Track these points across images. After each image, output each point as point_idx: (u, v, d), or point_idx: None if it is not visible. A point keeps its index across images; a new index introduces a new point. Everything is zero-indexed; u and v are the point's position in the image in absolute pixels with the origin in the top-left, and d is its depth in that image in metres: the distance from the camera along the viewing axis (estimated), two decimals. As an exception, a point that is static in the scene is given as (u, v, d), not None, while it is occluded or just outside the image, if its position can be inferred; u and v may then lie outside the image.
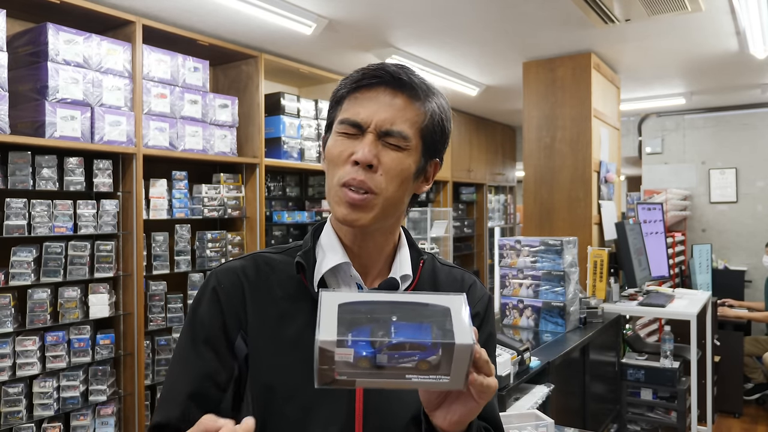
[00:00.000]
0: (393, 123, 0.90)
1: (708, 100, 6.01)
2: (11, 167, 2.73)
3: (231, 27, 3.49)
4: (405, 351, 0.65)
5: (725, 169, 6.37)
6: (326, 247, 0.97)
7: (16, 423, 2.72)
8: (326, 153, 0.95)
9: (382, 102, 0.90)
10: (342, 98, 0.94)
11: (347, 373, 0.66)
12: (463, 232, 6.64)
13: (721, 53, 4.22)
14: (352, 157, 0.89)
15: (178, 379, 0.92)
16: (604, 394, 3.46)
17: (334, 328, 0.65)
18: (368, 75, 0.91)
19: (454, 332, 0.66)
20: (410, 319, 0.67)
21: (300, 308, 0.93)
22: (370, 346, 0.65)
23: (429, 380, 0.66)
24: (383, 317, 0.67)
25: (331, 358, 0.65)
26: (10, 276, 2.74)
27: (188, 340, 0.94)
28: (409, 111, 0.91)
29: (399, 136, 0.90)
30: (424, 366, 0.66)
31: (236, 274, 0.96)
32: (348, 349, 0.64)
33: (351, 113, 0.91)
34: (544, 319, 3.17)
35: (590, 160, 4.10)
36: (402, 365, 0.65)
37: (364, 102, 0.91)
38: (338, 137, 0.92)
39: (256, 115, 3.84)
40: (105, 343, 3.04)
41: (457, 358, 0.66)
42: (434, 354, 0.65)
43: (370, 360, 0.65)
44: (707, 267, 5.93)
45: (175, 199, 3.44)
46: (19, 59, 2.87)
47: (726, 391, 4.76)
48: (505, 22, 3.55)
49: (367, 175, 0.89)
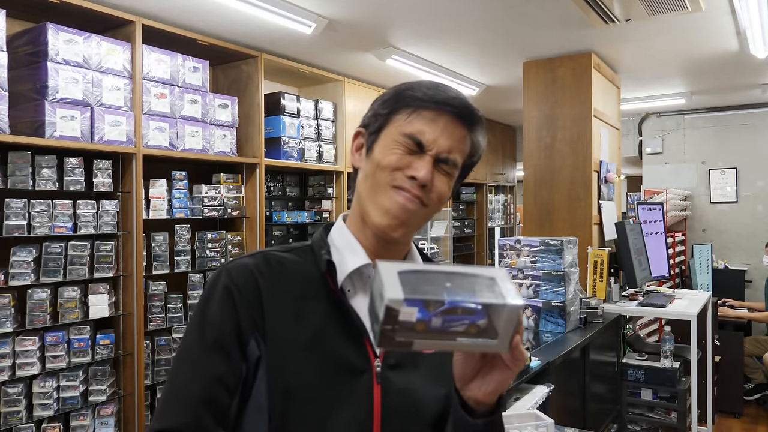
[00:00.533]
0: (451, 152, 0.92)
1: (708, 100, 6.01)
2: (11, 167, 2.73)
3: (231, 27, 3.49)
4: (457, 315, 0.69)
5: (725, 169, 6.37)
6: (343, 249, 0.95)
7: (16, 423, 2.72)
8: (378, 157, 0.93)
9: (448, 130, 0.92)
10: (407, 107, 0.93)
11: (406, 333, 0.69)
12: (464, 232, 6.64)
13: (722, 53, 4.22)
14: (409, 171, 0.90)
15: (189, 382, 0.87)
16: (605, 394, 3.45)
17: (400, 288, 0.68)
18: (443, 100, 0.92)
19: (504, 295, 0.70)
20: (462, 287, 0.71)
21: (317, 308, 0.91)
22: (426, 310, 0.68)
23: (477, 342, 0.71)
24: (439, 284, 0.71)
25: (396, 318, 0.67)
26: (9, 276, 2.74)
27: (198, 341, 0.89)
28: (466, 144, 0.95)
29: (453, 165, 0.93)
30: (473, 330, 0.70)
31: (251, 272, 0.92)
32: (412, 308, 0.68)
33: (416, 130, 0.91)
34: (545, 319, 3.17)
35: (590, 160, 4.10)
36: (454, 329, 0.69)
37: (430, 123, 0.92)
38: (395, 148, 0.92)
39: (255, 115, 3.84)
40: (105, 343, 3.04)
41: (507, 320, 0.70)
42: (483, 318, 0.70)
43: (426, 323, 0.68)
44: (707, 267, 5.93)
45: (174, 199, 3.44)
46: (18, 59, 2.87)
47: (726, 391, 4.75)
48: (505, 21, 3.55)
49: (421, 191, 0.91)
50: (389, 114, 0.94)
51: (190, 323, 0.92)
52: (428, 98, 0.92)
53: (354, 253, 0.94)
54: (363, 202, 0.94)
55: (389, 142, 0.92)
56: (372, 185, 0.93)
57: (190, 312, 3.49)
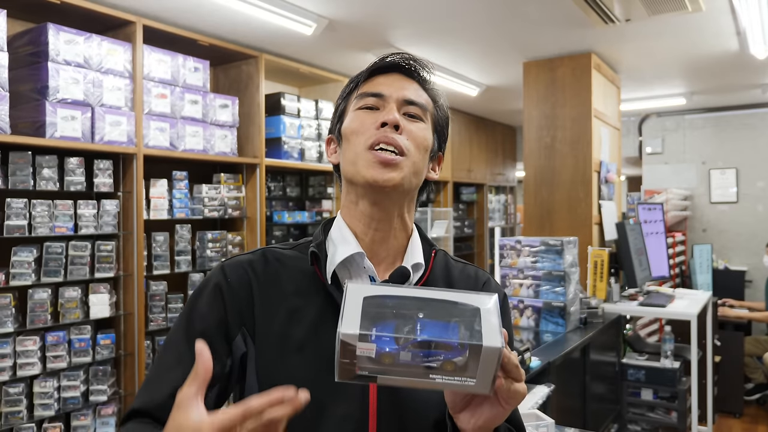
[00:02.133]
0: (412, 97, 0.95)
1: (708, 100, 6.01)
2: (12, 167, 2.73)
3: (231, 27, 3.49)
4: (430, 350, 0.62)
5: (726, 169, 6.37)
6: (337, 240, 0.96)
7: (17, 423, 2.72)
8: (346, 128, 0.96)
9: (398, 82, 0.96)
10: (357, 84, 0.98)
11: (368, 368, 0.63)
12: (464, 233, 6.64)
13: (722, 53, 4.22)
14: (378, 120, 0.92)
15: (168, 368, 0.88)
16: (605, 394, 3.46)
17: (357, 321, 0.63)
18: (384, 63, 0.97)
19: (483, 333, 0.63)
20: (437, 317, 0.64)
21: (312, 303, 0.91)
22: (394, 342, 0.62)
23: (454, 382, 0.64)
24: (409, 313, 0.64)
25: (353, 352, 0.63)
26: (10, 276, 2.74)
27: (182, 331, 0.91)
28: (423, 93, 0.98)
29: (420, 105, 0.96)
30: (449, 366, 0.63)
31: (244, 269, 0.94)
32: (370, 344, 0.62)
33: (371, 87, 0.96)
34: (545, 319, 3.17)
35: (590, 160, 4.10)
36: (426, 364, 0.63)
37: (382, 81, 0.96)
38: (359, 111, 0.95)
39: (256, 115, 3.84)
40: (105, 343, 3.04)
41: (485, 360, 0.63)
42: (461, 355, 0.62)
43: (394, 356, 0.62)
44: (708, 267, 5.93)
45: (175, 199, 3.44)
46: (19, 59, 2.87)
47: (726, 391, 4.76)
48: (505, 22, 3.55)
49: (396, 135, 0.91)
50: (345, 101, 1.00)
51: (181, 314, 0.95)
52: (371, 67, 0.98)
53: (345, 243, 0.95)
54: (349, 174, 0.95)
55: (352, 114, 0.97)
56: (351, 153, 0.94)
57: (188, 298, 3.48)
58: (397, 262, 0.98)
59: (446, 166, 6.10)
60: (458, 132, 6.32)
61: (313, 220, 4.40)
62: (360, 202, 0.95)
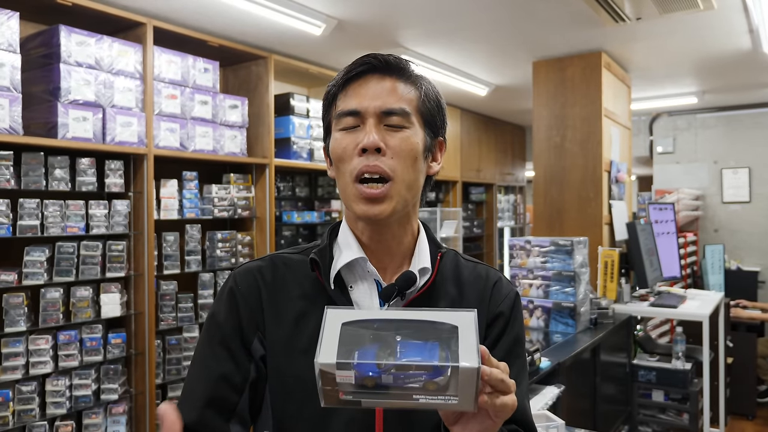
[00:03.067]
0: (390, 103, 0.91)
1: (720, 98, 5.96)
2: (24, 168, 2.75)
3: (241, 28, 3.50)
4: (411, 371, 0.63)
5: (738, 168, 6.31)
6: (342, 245, 0.96)
7: (30, 421, 2.75)
8: (332, 153, 0.94)
9: (375, 87, 0.92)
10: (334, 97, 0.95)
11: (352, 393, 0.64)
12: (473, 233, 6.63)
13: (734, 52, 4.19)
14: (359, 146, 0.89)
15: (197, 382, 0.92)
16: (615, 395, 3.44)
17: (335, 349, 0.64)
18: (356, 65, 0.93)
19: (460, 354, 0.64)
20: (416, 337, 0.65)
21: (317, 306, 0.92)
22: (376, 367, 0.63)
23: (437, 401, 0.65)
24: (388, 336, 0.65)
25: (333, 380, 0.64)
26: (23, 275, 2.76)
27: (206, 342, 0.94)
28: (403, 90, 0.93)
29: (400, 113, 0.91)
30: (431, 386, 0.64)
31: (253, 276, 0.96)
32: (349, 371, 0.63)
33: (346, 105, 0.92)
34: (555, 320, 3.16)
35: (601, 160, 4.08)
36: (408, 385, 0.64)
37: (357, 91, 0.92)
38: (339, 134, 0.92)
39: (265, 116, 3.85)
40: (116, 342, 3.06)
41: (464, 380, 0.64)
42: (441, 375, 0.63)
43: (376, 380, 0.63)
44: (720, 267, 5.88)
45: (185, 200, 3.46)
46: (31, 61, 2.90)
47: (739, 393, 4.72)
48: (514, 21, 3.54)
49: (378, 160, 0.89)
50: (327, 113, 0.97)
51: (203, 329, 0.97)
52: (341, 78, 0.94)
53: (349, 248, 0.95)
54: (343, 200, 0.95)
55: (334, 135, 0.94)
56: (342, 184, 0.93)
57: (200, 311, 3.51)
58: (404, 264, 0.97)
59: (455, 165, 6.10)
60: (467, 132, 6.31)
61: (322, 220, 4.41)
62: (357, 220, 0.96)
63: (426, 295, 0.94)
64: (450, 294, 0.97)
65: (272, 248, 3.82)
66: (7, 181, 2.66)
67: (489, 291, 0.99)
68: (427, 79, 0.97)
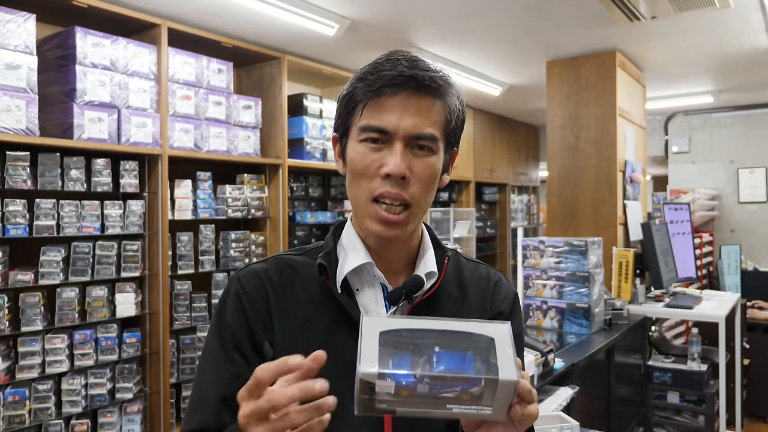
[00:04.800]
0: (421, 127, 0.86)
1: (736, 97, 5.89)
2: (41, 168, 2.78)
3: (254, 29, 3.52)
4: (447, 382, 0.64)
5: (754, 168, 6.24)
6: (348, 248, 0.95)
7: (46, 419, 2.77)
8: (350, 162, 0.91)
9: (408, 107, 0.86)
10: (359, 102, 0.89)
11: (387, 401, 0.65)
12: (486, 233, 6.61)
13: (750, 50, 4.14)
14: (382, 169, 0.86)
15: (209, 384, 0.90)
16: (630, 397, 3.41)
17: (376, 358, 0.64)
18: (390, 81, 0.86)
19: (499, 367, 0.65)
20: (453, 348, 0.66)
21: (324, 309, 0.92)
22: (413, 377, 0.64)
23: (470, 410, 0.65)
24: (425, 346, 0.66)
25: (372, 389, 0.64)
26: (39, 275, 2.79)
27: (218, 345, 0.92)
28: (435, 112, 0.88)
29: (430, 139, 0.88)
30: (466, 396, 0.65)
31: (259, 278, 0.94)
32: (389, 381, 0.64)
33: (375, 119, 0.87)
34: (569, 321, 3.14)
35: (615, 160, 4.05)
36: (443, 395, 0.64)
37: (388, 107, 0.86)
38: (362, 145, 0.88)
39: (279, 116, 3.86)
40: (131, 341, 3.08)
41: (501, 392, 0.65)
42: (477, 385, 0.64)
43: (411, 389, 0.64)
44: (736, 268, 5.81)
45: (199, 200, 3.48)
46: (48, 62, 2.93)
47: (756, 394, 4.66)
48: (528, 20, 3.53)
49: (400, 187, 0.86)
50: (348, 114, 0.91)
51: (210, 329, 0.95)
52: (376, 84, 0.87)
53: (355, 251, 0.94)
54: (355, 210, 0.93)
55: (354, 144, 0.90)
56: (355, 196, 0.91)
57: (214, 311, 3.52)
58: (408, 268, 0.97)
59: (468, 165, 6.08)
60: (481, 132, 6.29)
61: (335, 220, 4.41)
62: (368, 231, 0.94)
63: (431, 298, 0.94)
64: (453, 295, 0.98)
65: (285, 248, 3.83)
66: (23, 182, 2.69)
67: (491, 291, 1.00)
68: (456, 90, 0.92)
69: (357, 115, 0.89)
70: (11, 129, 2.57)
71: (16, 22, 2.62)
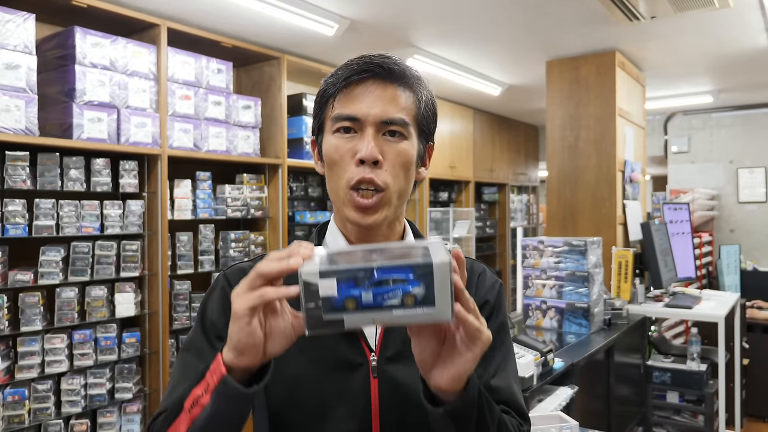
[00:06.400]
0: (391, 113, 0.90)
1: (736, 97, 5.90)
2: (40, 168, 2.78)
3: (254, 29, 3.52)
4: (389, 286, 0.66)
5: (754, 168, 6.24)
6: (331, 246, 0.97)
7: (45, 419, 2.77)
8: (326, 155, 0.93)
9: (376, 94, 0.90)
10: (330, 97, 0.93)
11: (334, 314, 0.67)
12: (486, 233, 6.61)
13: (750, 50, 4.14)
14: (356, 156, 0.89)
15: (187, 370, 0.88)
16: (630, 397, 3.41)
17: (317, 263, 0.67)
18: (357, 70, 0.90)
19: (431, 255, 0.67)
20: (391, 257, 0.68)
21: None
22: (354, 284, 0.66)
23: (416, 312, 0.67)
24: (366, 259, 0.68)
25: (316, 293, 0.66)
26: (39, 275, 2.79)
27: (198, 336, 0.93)
28: (403, 99, 0.91)
29: (400, 123, 0.90)
30: (409, 300, 0.66)
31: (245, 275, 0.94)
32: (331, 281, 0.66)
33: (345, 108, 0.90)
34: (568, 320, 3.14)
35: (615, 160, 4.06)
36: (388, 302, 0.66)
37: (356, 96, 0.90)
38: (335, 136, 0.91)
39: (278, 116, 3.86)
40: (131, 341, 3.08)
41: (439, 280, 0.66)
42: (417, 285, 0.66)
43: (357, 300, 0.66)
44: (735, 268, 5.82)
45: (199, 200, 3.48)
46: (47, 62, 2.93)
47: (755, 394, 4.66)
48: (528, 20, 3.53)
49: (374, 172, 0.89)
50: (321, 112, 0.95)
51: (194, 324, 0.96)
52: (343, 75, 0.91)
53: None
54: (335, 203, 0.95)
55: (329, 137, 0.93)
56: (335, 187, 0.93)
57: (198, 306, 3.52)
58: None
59: (468, 165, 6.08)
60: (480, 131, 6.29)
61: (334, 220, 4.41)
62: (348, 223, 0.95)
63: None
64: None
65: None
66: (23, 182, 2.68)
67: (474, 282, 1.02)
68: (425, 83, 0.96)
69: (329, 109, 0.92)
70: (11, 129, 2.57)
71: (15, 21, 2.62)
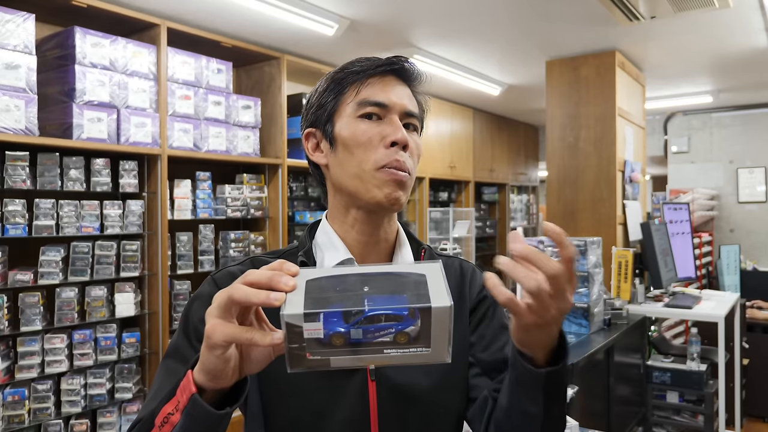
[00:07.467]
0: (410, 106, 0.94)
1: (736, 97, 5.90)
2: (40, 168, 2.78)
3: (254, 29, 3.52)
4: (381, 323, 0.60)
5: (754, 168, 6.24)
6: (324, 246, 0.95)
7: (45, 419, 2.77)
8: (349, 139, 0.91)
9: (396, 89, 0.94)
10: (351, 84, 0.94)
11: (320, 352, 0.61)
12: (486, 233, 6.61)
13: (750, 50, 4.14)
14: (387, 138, 0.90)
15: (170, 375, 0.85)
16: (629, 397, 3.41)
17: (301, 302, 0.61)
18: (385, 63, 0.94)
19: (430, 296, 0.61)
20: (383, 290, 0.62)
21: None
22: (343, 320, 0.60)
23: (409, 353, 0.62)
24: (355, 290, 0.63)
25: (300, 335, 0.60)
26: (39, 275, 2.79)
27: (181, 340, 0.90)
28: (415, 99, 0.97)
29: (417, 116, 0.95)
30: (402, 338, 0.61)
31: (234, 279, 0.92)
32: (317, 323, 0.60)
33: (374, 95, 0.92)
34: (568, 320, 3.14)
35: (615, 160, 4.05)
36: (379, 339, 0.61)
37: (381, 86, 0.93)
38: (361, 121, 0.91)
39: (278, 116, 3.86)
40: (130, 341, 3.08)
41: (436, 323, 0.61)
42: (412, 324, 0.61)
43: (345, 336, 0.60)
44: (735, 268, 5.81)
45: (198, 200, 3.48)
46: (47, 62, 2.93)
47: (755, 394, 4.66)
48: (528, 20, 3.53)
49: (404, 156, 0.91)
50: (336, 99, 0.94)
51: (178, 328, 0.93)
52: (368, 67, 0.94)
53: (334, 249, 0.94)
54: (350, 187, 0.92)
55: (350, 121, 0.92)
56: (358, 170, 0.91)
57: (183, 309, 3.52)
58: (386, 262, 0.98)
59: (468, 165, 6.08)
60: (480, 131, 6.29)
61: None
62: (352, 210, 0.94)
63: None
64: None
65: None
66: (23, 182, 2.68)
67: (467, 281, 1.02)
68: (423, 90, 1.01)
69: (351, 95, 0.93)
70: (10, 129, 2.57)
71: (15, 21, 2.62)
